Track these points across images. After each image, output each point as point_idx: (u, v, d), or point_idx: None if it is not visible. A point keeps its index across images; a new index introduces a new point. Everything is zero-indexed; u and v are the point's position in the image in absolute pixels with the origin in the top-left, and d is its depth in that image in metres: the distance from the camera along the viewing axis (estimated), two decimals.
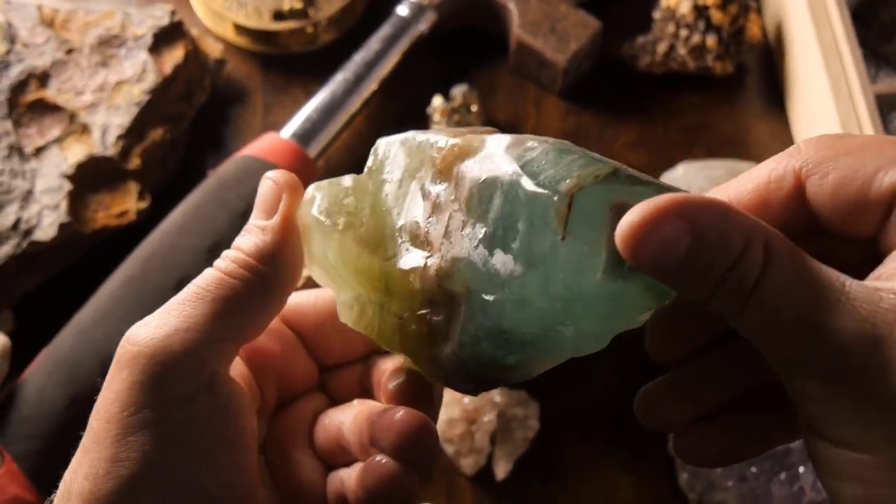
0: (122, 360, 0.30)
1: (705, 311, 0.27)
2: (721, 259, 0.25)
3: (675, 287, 0.27)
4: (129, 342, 0.30)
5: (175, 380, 0.30)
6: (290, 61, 0.73)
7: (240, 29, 0.71)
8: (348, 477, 0.34)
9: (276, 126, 0.70)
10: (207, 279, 0.32)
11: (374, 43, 0.69)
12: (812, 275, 0.26)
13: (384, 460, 0.32)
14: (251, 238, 0.33)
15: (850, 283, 0.26)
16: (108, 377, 0.31)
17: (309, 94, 0.71)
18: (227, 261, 0.32)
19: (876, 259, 0.29)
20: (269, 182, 0.34)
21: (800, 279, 0.26)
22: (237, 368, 0.35)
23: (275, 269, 0.32)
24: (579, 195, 0.26)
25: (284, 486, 0.35)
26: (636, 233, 0.25)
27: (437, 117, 0.68)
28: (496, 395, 0.59)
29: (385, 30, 0.70)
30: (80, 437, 0.31)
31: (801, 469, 0.56)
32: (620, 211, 0.26)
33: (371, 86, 0.68)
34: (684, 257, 0.25)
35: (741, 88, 0.74)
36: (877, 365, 0.25)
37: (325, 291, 0.37)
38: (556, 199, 0.27)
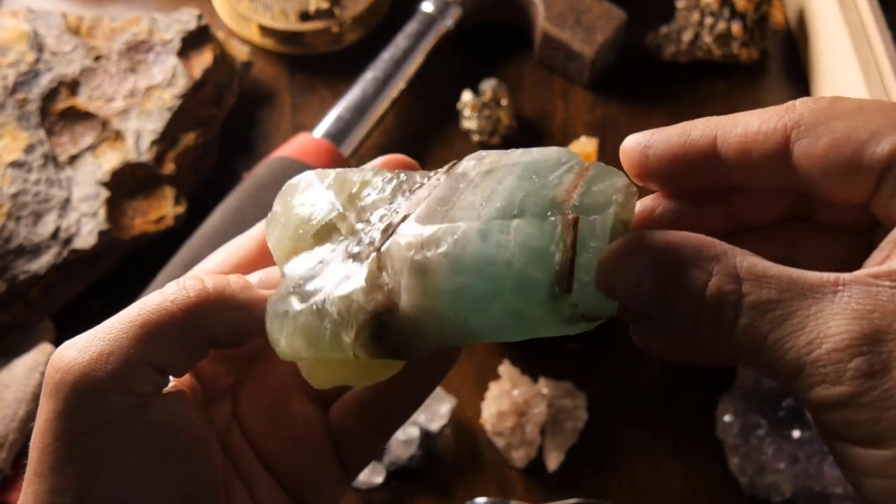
0: (48, 387, 0.30)
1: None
2: (687, 293, 0.26)
3: (660, 319, 0.28)
4: (54, 367, 0.30)
5: (100, 405, 0.29)
6: (315, 62, 0.73)
7: (265, 31, 0.71)
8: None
9: (305, 127, 0.69)
10: (147, 302, 0.31)
11: (401, 40, 0.69)
12: (794, 287, 0.26)
13: None
14: (195, 278, 0.32)
15: (842, 280, 0.25)
16: (40, 403, 0.30)
17: (336, 94, 0.71)
18: (177, 286, 0.31)
19: (866, 221, 0.29)
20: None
21: (782, 297, 0.25)
22: None
23: (220, 307, 0.32)
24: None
25: (282, 439, 0.35)
26: (605, 267, 0.28)
27: (467, 112, 0.68)
28: (544, 388, 0.59)
29: (411, 26, 0.70)
30: None
31: None
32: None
33: (400, 83, 0.68)
34: (653, 290, 0.27)
35: (766, 75, 0.74)
36: (881, 362, 0.24)
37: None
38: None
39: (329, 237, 0.33)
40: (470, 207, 0.30)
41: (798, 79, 0.74)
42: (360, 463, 0.37)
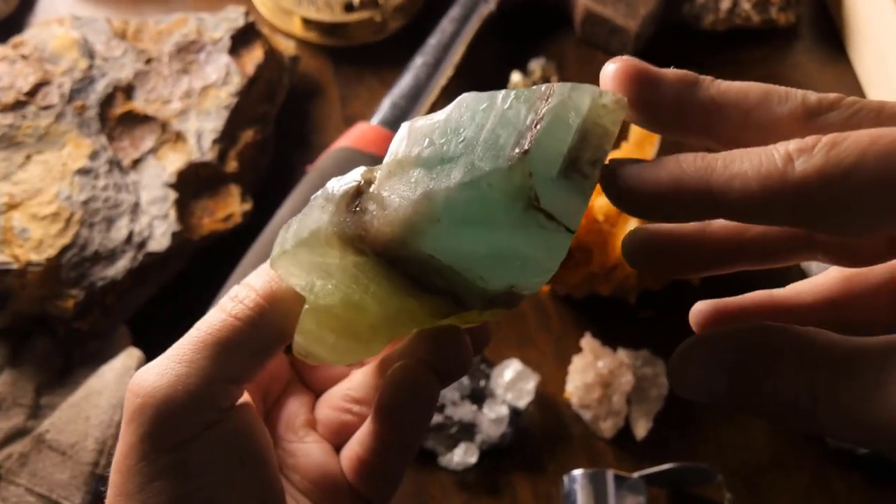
0: (130, 412, 0.31)
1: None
2: (758, 388, 0.26)
3: (740, 410, 0.28)
4: (134, 393, 0.31)
5: (183, 424, 0.31)
6: (358, 52, 0.73)
7: (308, 24, 0.71)
8: (360, 433, 0.35)
9: (356, 117, 0.70)
10: (211, 321, 0.32)
11: (446, 25, 0.69)
12: (864, 355, 0.25)
13: (402, 362, 0.33)
14: (247, 286, 0.32)
15: None
16: (122, 429, 0.31)
17: (383, 83, 0.71)
18: (231, 302, 0.32)
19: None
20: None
21: (852, 367, 0.25)
22: None
23: (276, 308, 0.32)
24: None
25: (301, 479, 0.36)
26: (675, 369, 0.28)
27: None
28: (626, 357, 0.60)
29: (455, 11, 0.70)
30: None
31: None
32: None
33: (449, 67, 0.68)
34: (727, 392, 0.27)
35: (801, 38, 0.75)
36: None
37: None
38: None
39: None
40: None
41: (831, 40, 0.75)
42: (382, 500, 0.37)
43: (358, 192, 0.30)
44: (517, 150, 0.27)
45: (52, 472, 0.54)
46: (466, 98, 0.30)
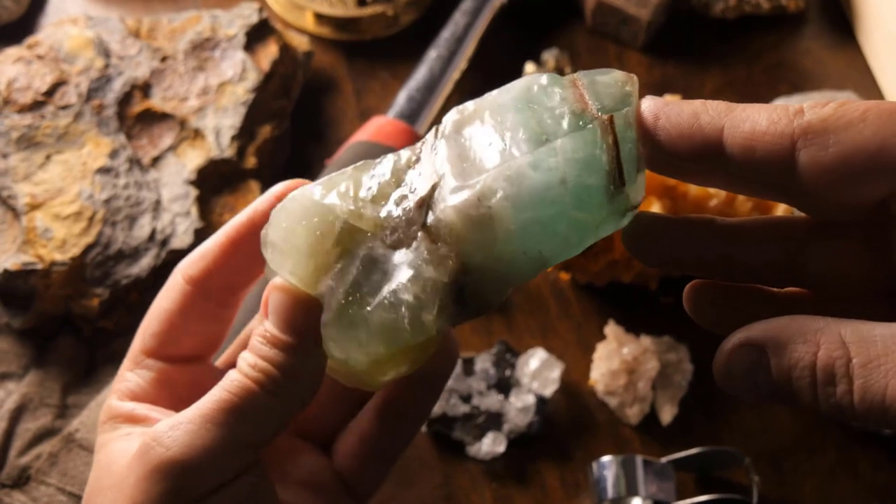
0: (143, 471, 0.32)
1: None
2: (800, 372, 0.27)
3: (784, 404, 0.29)
4: (149, 453, 0.32)
5: (203, 483, 0.32)
6: (371, 46, 0.73)
7: (321, 19, 0.71)
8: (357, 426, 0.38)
9: (372, 111, 0.70)
10: (233, 387, 0.32)
11: (459, 17, 0.70)
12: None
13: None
14: (272, 352, 0.33)
15: None
16: (138, 473, 0.32)
17: (396, 77, 0.71)
18: (254, 370, 0.33)
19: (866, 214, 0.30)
20: (279, 294, 0.33)
21: (889, 350, 0.26)
22: None
23: (296, 383, 0.33)
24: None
25: (298, 492, 0.38)
26: (719, 367, 0.30)
27: None
28: (650, 343, 0.60)
29: (467, 3, 0.70)
30: None
31: None
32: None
33: (463, 60, 0.69)
34: (769, 382, 0.28)
35: (810, 23, 0.76)
36: None
37: None
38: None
39: (354, 239, 0.33)
40: (495, 151, 0.30)
41: (840, 25, 0.75)
42: (370, 492, 0.40)
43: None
44: (612, 188, 0.30)
45: (83, 470, 0.54)
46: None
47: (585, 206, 0.29)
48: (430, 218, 0.31)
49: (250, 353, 0.33)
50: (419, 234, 0.31)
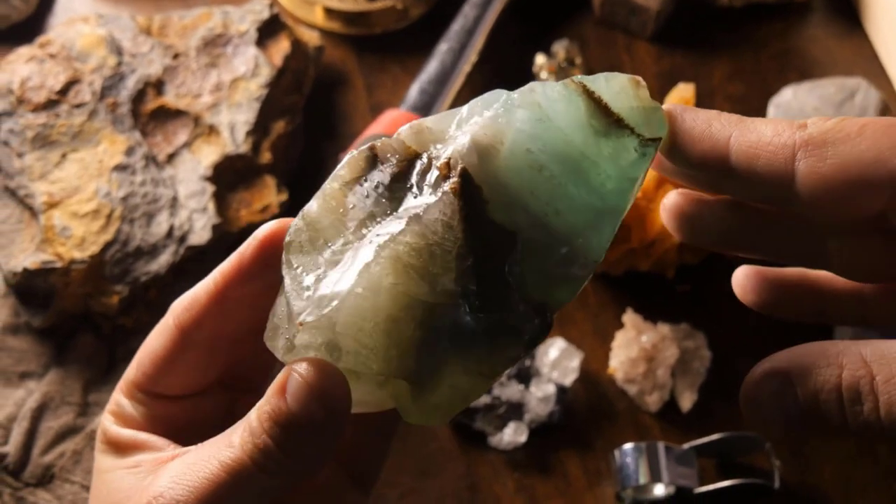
0: None
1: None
2: (826, 395, 0.28)
3: (814, 435, 0.29)
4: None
5: None
6: (381, 41, 0.73)
7: (331, 13, 0.71)
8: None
9: (383, 104, 0.70)
10: (233, 460, 0.31)
11: (469, 10, 0.70)
12: None
13: None
14: (280, 429, 0.31)
15: None
16: None
17: (407, 71, 0.71)
18: (258, 442, 0.31)
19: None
20: (298, 379, 0.30)
21: None
22: None
23: (299, 461, 0.31)
24: None
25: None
26: (747, 400, 0.30)
27: (544, 74, 0.69)
28: (668, 331, 0.60)
29: None
30: None
31: None
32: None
33: (473, 52, 0.69)
34: (798, 408, 0.28)
35: (817, 11, 0.76)
36: None
37: None
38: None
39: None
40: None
41: (847, 13, 0.76)
42: (373, 475, 0.38)
43: None
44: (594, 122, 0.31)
45: None
46: None
47: (574, 134, 0.31)
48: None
49: (257, 423, 0.31)
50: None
